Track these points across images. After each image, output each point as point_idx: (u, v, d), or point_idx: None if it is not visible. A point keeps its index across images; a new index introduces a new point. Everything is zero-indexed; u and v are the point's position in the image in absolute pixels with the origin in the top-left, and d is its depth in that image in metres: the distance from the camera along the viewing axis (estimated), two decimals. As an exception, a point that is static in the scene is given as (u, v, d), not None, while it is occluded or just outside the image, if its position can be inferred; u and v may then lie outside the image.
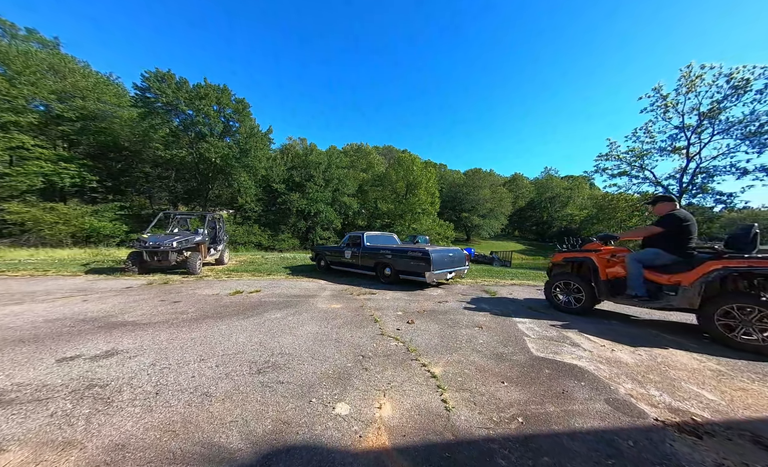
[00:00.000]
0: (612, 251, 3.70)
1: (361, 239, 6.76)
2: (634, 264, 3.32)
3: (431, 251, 5.25)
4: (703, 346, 2.87)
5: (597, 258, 3.73)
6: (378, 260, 6.17)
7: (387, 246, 6.40)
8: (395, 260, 5.79)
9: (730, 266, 2.74)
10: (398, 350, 2.53)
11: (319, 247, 8.32)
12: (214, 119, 19.64)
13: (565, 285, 4.09)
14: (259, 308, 3.85)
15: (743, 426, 1.59)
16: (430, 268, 5.12)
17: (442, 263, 5.46)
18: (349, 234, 7.22)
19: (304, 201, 24.81)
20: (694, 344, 2.92)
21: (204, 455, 1.26)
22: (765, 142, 13.10)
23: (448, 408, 1.67)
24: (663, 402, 1.81)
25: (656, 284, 3.23)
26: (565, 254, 4.26)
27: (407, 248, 5.82)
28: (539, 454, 1.34)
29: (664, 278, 3.16)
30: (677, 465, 1.29)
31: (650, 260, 3.29)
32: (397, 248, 6.05)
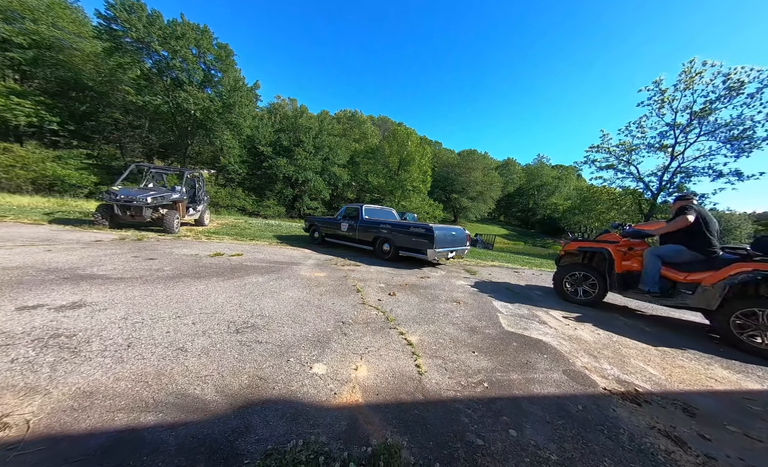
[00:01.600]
0: (630, 244, 3.56)
1: (359, 212, 6.45)
2: (654, 259, 3.20)
3: (435, 228, 4.97)
4: (654, 329, 3.18)
5: (614, 250, 3.59)
6: (377, 234, 5.88)
7: (387, 221, 6.02)
8: (395, 236, 5.50)
9: (762, 270, 2.59)
10: (378, 318, 2.60)
11: (313, 218, 7.91)
12: (192, 64, 17.70)
13: (576, 275, 3.95)
14: (240, 271, 3.78)
15: (677, 397, 1.80)
16: (433, 245, 4.86)
17: (444, 242, 5.23)
18: (347, 206, 6.95)
19: (291, 167, 23.78)
20: (648, 328, 3.22)
21: (177, 405, 1.27)
22: (743, 147, 13.70)
23: (420, 372, 1.77)
24: (612, 375, 2.00)
25: (671, 281, 3.12)
26: (579, 243, 4.09)
27: (409, 223, 5.48)
28: (499, 414, 1.46)
29: (681, 276, 3.03)
30: (616, 426, 1.46)
31: (671, 256, 3.15)
32: (398, 223, 5.73)
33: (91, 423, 1.13)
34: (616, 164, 17.67)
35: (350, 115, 36.36)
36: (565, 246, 4.32)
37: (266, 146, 23.91)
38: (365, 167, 28.94)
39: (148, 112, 18.86)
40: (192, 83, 18.22)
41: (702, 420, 1.59)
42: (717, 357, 2.53)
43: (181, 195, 7.12)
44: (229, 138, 20.90)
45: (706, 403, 1.77)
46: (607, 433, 1.40)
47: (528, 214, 46.81)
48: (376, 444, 1.17)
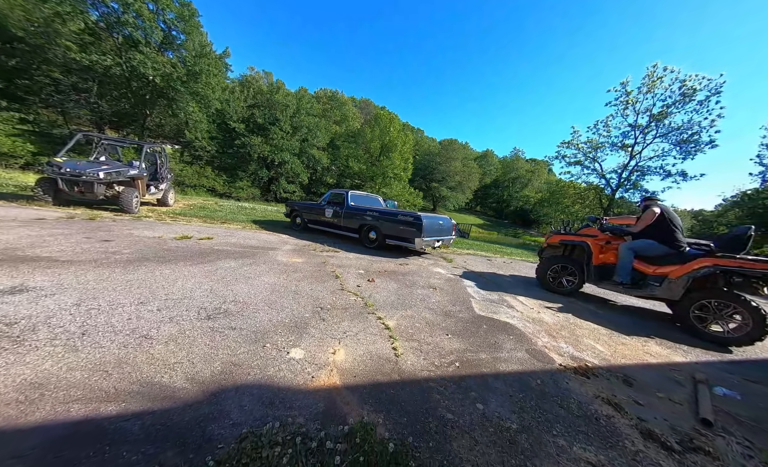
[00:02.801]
0: (608, 238, 3.78)
1: (344, 198, 6.21)
2: (627, 253, 3.42)
3: (423, 216, 4.93)
4: (604, 312, 3.56)
5: (593, 243, 3.82)
6: (363, 222, 5.73)
7: (374, 208, 5.85)
8: (382, 224, 5.39)
9: (721, 265, 2.85)
10: (356, 304, 2.63)
11: (295, 203, 7.52)
12: (149, 21, 15.60)
13: (558, 267, 4.16)
14: (210, 255, 3.58)
15: (619, 370, 2.06)
16: (421, 234, 4.82)
17: (432, 231, 5.18)
18: (331, 191, 6.66)
19: (267, 147, 22.41)
20: (600, 311, 3.60)
21: (142, 393, 1.21)
22: (690, 149, 15.28)
23: (397, 355, 1.84)
24: (567, 352, 2.23)
25: (642, 273, 3.36)
26: (561, 236, 4.28)
27: (397, 211, 5.40)
28: (468, 390, 1.58)
29: (650, 269, 3.28)
30: (567, 396, 1.64)
31: (644, 250, 3.38)
32: (386, 210, 5.62)
33: (42, 415, 1.04)
34: (583, 161, 18.93)
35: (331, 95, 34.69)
36: (548, 239, 4.49)
37: (238, 122, 22.22)
38: (346, 151, 28.13)
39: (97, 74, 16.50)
40: (149, 44, 16.16)
41: (638, 388, 1.84)
42: (654, 337, 2.91)
43: (140, 171, 6.45)
44: (196, 110, 19.10)
45: (642, 375, 2.04)
46: (560, 403, 1.57)
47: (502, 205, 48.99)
48: (353, 422, 1.22)
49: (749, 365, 2.53)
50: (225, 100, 22.00)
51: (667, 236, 3.26)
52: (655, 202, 3.43)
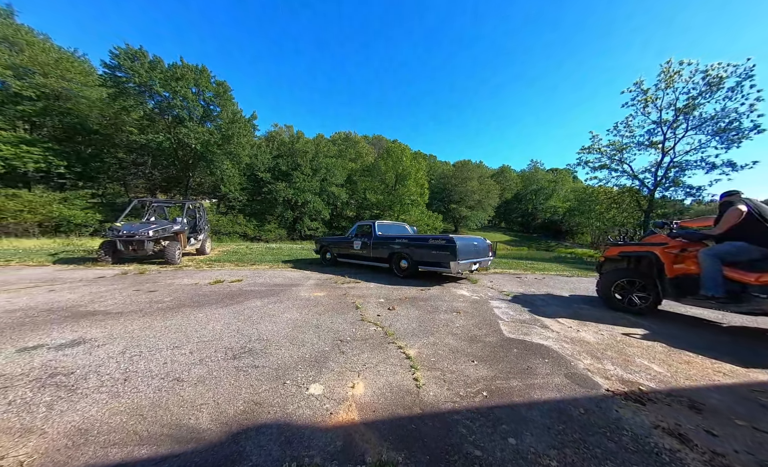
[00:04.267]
0: (682, 245, 3.16)
1: (371, 228, 6.23)
2: (711, 260, 2.83)
3: (457, 239, 4.70)
4: (658, 326, 3.12)
5: (662, 252, 3.23)
6: (393, 250, 5.61)
7: (402, 235, 5.82)
8: (413, 251, 5.23)
9: None
10: (377, 334, 2.59)
11: (323, 238, 7.69)
12: (192, 102, 18.60)
13: (624, 282, 3.63)
14: (239, 296, 3.80)
15: (683, 393, 1.76)
16: (456, 258, 4.55)
17: (467, 253, 4.91)
18: (358, 223, 6.74)
19: (290, 191, 24.26)
20: (654, 325, 3.17)
21: (171, 435, 1.27)
22: (732, 138, 13.88)
23: (418, 386, 1.75)
24: (616, 375, 1.96)
25: (740, 283, 2.73)
26: (621, 247, 3.75)
27: (427, 236, 5.23)
28: (498, 423, 1.44)
29: (752, 278, 2.66)
30: (619, 427, 1.42)
31: (733, 255, 2.78)
32: (416, 236, 5.53)
33: (84, 460, 1.13)
34: (608, 164, 17.86)
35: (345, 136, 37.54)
36: (605, 252, 3.98)
37: (265, 172, 24.55)
38: (363, 184, 29.45)
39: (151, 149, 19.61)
40: (192, 119, 19.05)
41: (709, 415, 1.55)
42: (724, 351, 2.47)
43: (182, 226, 7.27)
44: (229, 167, 21.52)
45: (714, 398, 1.72)
46: (610, 435, 1.37)
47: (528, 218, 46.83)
48: (371, 461, 1.16)
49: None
50: (253, 155, 24.63)
51: (762, 235, 2.67)
52: (738, 197, 2.85)
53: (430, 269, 5.08)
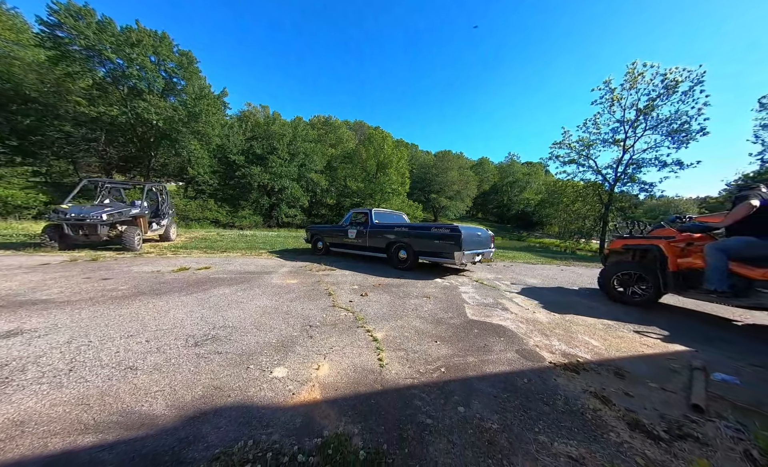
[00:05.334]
0: (689, 239, 3.16)
1: (368, 217, 5.94)
2: (717, 254, 2.80)
3: (462, 228, 4.52)
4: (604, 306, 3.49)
5: (666, 246, 3.26)
6: (391, 240, 5.31)
7: (402, 224, 5.50)
8: (414, 240, 4.96)
9: None
10: (347, 319, 2.64)
11: (315, 227, 7.26)
12: (152, 72, 16.77)
13: (625, 276, 3.65)
14: (206, 284, 3.65)
15: (611, 363, 2.01)
16: (461, 248, 4.35)
17: (472, 244, 4.71)
18: (353, 211, 6.39)
19: (266, 175, 23.13)
20: (603, 306, 3.54)
21: (121, 423, 1.23)
22: (682, 139, 15.32)
23: (382, 365, 1.83)
24: (559, 350, 2.19)
25: (745, 278, 2.71)
26: (625, 240, 3.75)
27: (429, 224, 4.94)
28: (451, 395, 1.56)
29: (758, 272, 2.62)
30: (554, 393, 1.61)
31: (740, 250, 2.74)
32: (417, 225, 5.24)
33: (19, 452, 1.07)
34: (577, 159, 19.02)
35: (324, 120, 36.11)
36: (610, 244, 4.01)
37: (238, 154, 23.11)
38: (343, 171, 28.82)
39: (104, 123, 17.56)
40: (152, 92, 17.26)
41: (630, 380, 1.79)
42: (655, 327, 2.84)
43: (142, 210, 6.71)
44: (197, 148, 19.97)
45: (636, 366, 1.99)
46: (546, 400, 1.54)
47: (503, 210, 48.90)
48: (328, 434, 1.22)
49: (756, 351, 2.44)
50: (225, 136, 23.00)
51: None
52: (756, 190, 2.78)
53: (431, 261, 4.81)
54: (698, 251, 3.06)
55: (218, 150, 23.08)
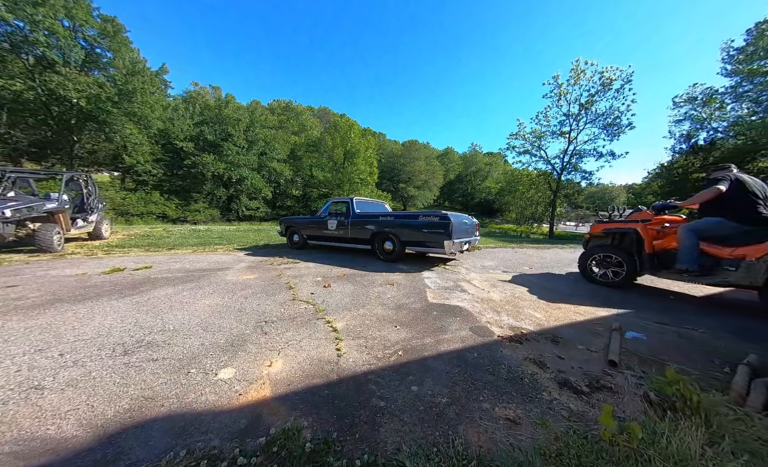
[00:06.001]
0: (663, 221, 3.34)
1: (349, 206, 5.58)
2: (689, 235, 2.90)
3: (451, 216, 4.32)
4: (549, 283, 3.88)
5: (642, 229, 3.38)
6: (375, 230, 5.05)
7: (387, 213, 5.23)
8: (401, 230, 4.73)
9: None
10: (306, 312, 2.55)
11: (290, 219, 6.68)
12: (66, 39, 13.94)
13: (602, 258, 3.77)
14: (144, 285, 3.24)
15: (549, 331, 2.24)
16: (451, 237, 4.17)
17: (461, 232, 4.54)
18: (332, 200, 5.94)
19: (221, 165, 21.12)
20: (548, 283, 3.92)
21: (15, 453, 1.03)
22: (615, 132, 17.43)
23: (339, 355, 1.81)
24: (507, 324, 2.38)
25: (714, 257, 2.79)
26: (605, 224, 3.84)
27: (417, 213, 4.70)
28: (406, 376, 1.60)
29: (726, 252, 2.72)
30: (499, 363, 1.74)
31: (710, 229, 2.82)
32: (403, 214, 4.99)
33: None
34: (530, 149, 20.62)
35: (285, 105, 33.72)
36: (591, 229, 4.07)
37: (185, 141, 20.68)
38: (308, 161, 27.57)
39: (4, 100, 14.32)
40: (69, 64, 14.45)
41: (562, 345, 2.02)
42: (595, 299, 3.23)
43: (61, 204, 5.66)
44: (134, 133, 17.40)
45: (568, 332, 2.25)
46: (491, 370, 1.67)
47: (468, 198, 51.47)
48: (275, 432, 1.16)
49: (659, 311, 2.92)
50: (168, 120, 20.37)
51: (745, 211, 2.66)
52: (726, 172, 2.84)
53: (419, 251, 4.69)
54: (672, 233, 3.17)
55: (161, 136, 20.40)
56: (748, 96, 14.64)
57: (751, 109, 15.08)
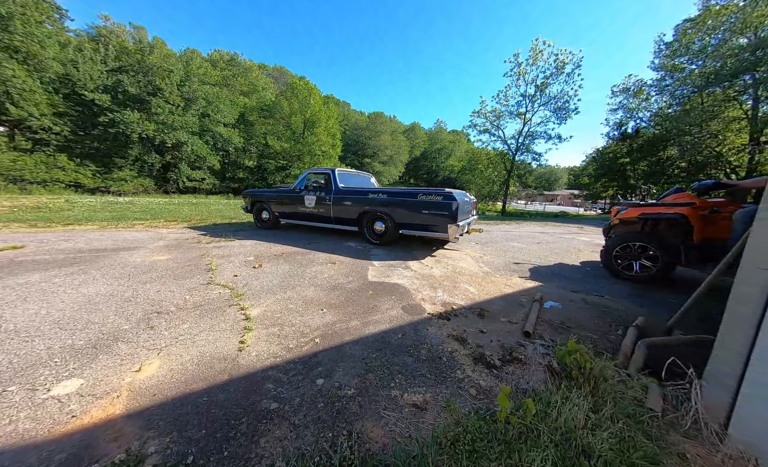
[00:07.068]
0: (711, 205, 2.71)
1: (331, 178, 4.70)
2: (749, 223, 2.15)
3: (456, 194, 3.67)
4: (491, 255, 4.01)
5: (692, 214, 2.71)
6: (364, 209, 4.26)
7: (378, 190, 4.29)
8: (395, 210, 4.00)
9: None
10: (219, 298, 2.19)
11: (257, 192, 5.59)
12: None
13: (630, 247, 3.12)
14: (1, 271, 2.49)
15: (479, 305, 2.24)
16: (456, 219, 3.52)
17: (464, 212, 3.93)
18: (309, 171, 5.03)
19: (150, 125, 17.75)
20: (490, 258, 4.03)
21: None
22: (563, 116, 18.69)
23: (241, 349, 1.53)
24: (441, 300, 2.32)
25: None
26: (644, 208, 3.06)
27: (416, 190, 3.92)
28: (315, 367, 1.40)
29: None
30: (422, 343, 1.65)
31: None
32: (399, 190, 4.16)
33: None
34: (489, 129, 21.24)
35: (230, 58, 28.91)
36: (622, 214, 3.28)
37: (97, 91, 16.77)
38: (262, 127, 24.74)
39: None
40: None
41: (488, 318, 2.02)
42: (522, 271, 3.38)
43: None
44: (20, 75, 13.46)
45: (496, 305, 2.28)
46: (412, 352, 1.56)
47: (432, 176, 52.39)
48: (108, 463, 0.87)
49: (577, 280, 3.17)
50: (71, 62, 16.12)
51: None
52: None
53: (418, 234, 3.99)
54: (723, 220, 2.60)
55: (62, 83, 16.17)
56: (669, 90, 16.63)
57: (668, 103, 17.28)
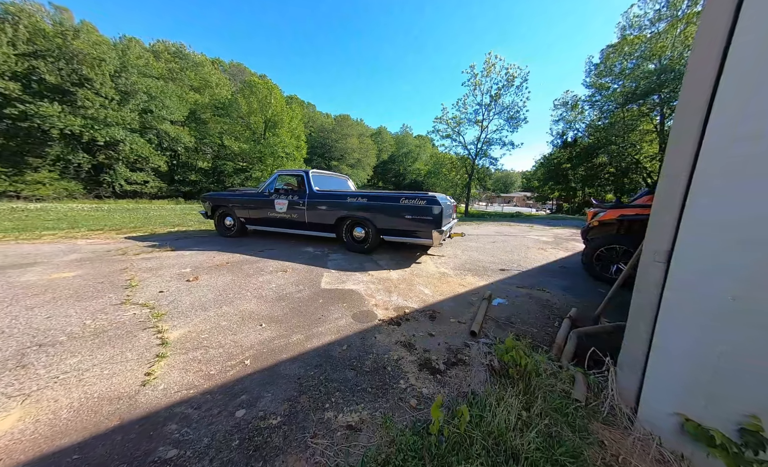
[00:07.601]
0: None
1: (304, 181, 4.32)
2: None
3: (439, 197, 3.53)
4: (448, 255, 4.09)
5: None
6: (342, 214, 3.99)
7: (357, 193, 4.03)
8: (377, 215, 3.78)
9: None
10: (132, 320, 1.84)
11: (219, 195, 4.95)
12: None
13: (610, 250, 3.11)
14: None
15: (430, 307, 2.22)
16: (440, 224, 3.36)
17: (446, 216, 3.76)
18: (279, 172, 4.60)
19: (76, 120, 15.25)
20: (448, 258, 4.10)
21: None
22: (515, 124, 20.39)
23: (145, 383, 1.27)
24: (394, 305, 2.25)
25: None
26: (621, 210, 3.09)
27: (397, 194, 3.73)
28: (236, 396, 1.21)
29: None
30: (367, 353, 1.54)
31: None
32: (379, 194, 3.93)
33: None
34: (451, 134, 22.32)
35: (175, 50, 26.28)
36: (600, 216, 3.28)
37: (3, 78, 13.98)
38: (217, 126, 22.87)
39: None
40: None
41: (439, 320, 2.00)
42: (476, 270, 3.48)
43: None
44: None
45: (448, 305, 2.28)
46: (354, 364, 1.44)
47: (400, 179, 53.41)
48: None
49: (525, 276, 3.36)
50: (-41, 40, 13.19)
51: None
52: None
53: (400, 240, 3.80)
54: None
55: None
56: (598, 105, 19.15)
57: (598, 116, 19.87)
